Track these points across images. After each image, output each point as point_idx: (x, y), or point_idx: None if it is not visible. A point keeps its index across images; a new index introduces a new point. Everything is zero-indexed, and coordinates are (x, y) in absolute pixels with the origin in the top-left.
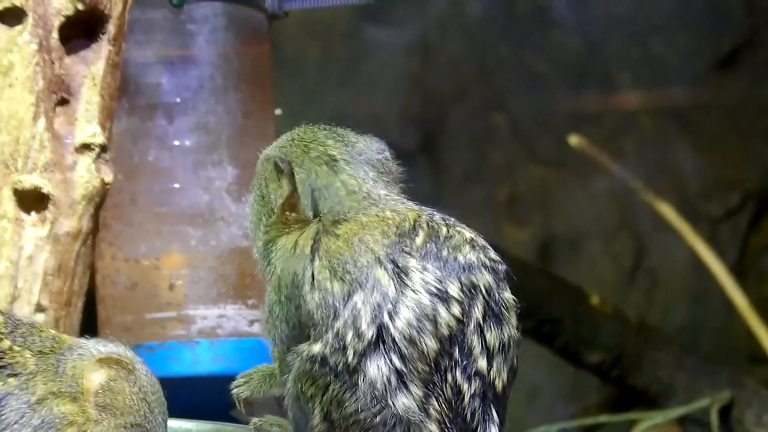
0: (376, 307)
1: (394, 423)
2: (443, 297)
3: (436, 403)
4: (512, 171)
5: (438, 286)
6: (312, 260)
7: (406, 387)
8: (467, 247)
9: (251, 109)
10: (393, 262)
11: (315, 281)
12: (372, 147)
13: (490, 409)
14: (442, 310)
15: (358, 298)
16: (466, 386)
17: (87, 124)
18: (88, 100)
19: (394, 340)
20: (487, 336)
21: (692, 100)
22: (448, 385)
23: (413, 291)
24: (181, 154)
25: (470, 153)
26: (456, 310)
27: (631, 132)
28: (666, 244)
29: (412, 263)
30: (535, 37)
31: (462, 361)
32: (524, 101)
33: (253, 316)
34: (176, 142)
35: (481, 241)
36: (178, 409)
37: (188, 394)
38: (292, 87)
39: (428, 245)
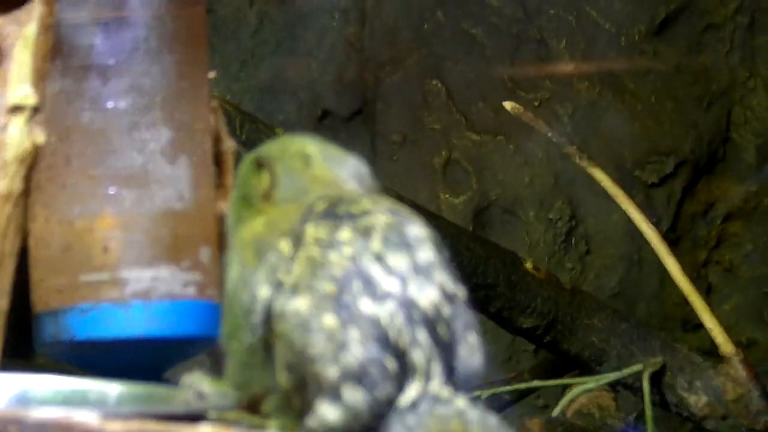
0: (271, 271)
1: (328, 347)
2: (331, 244)
3: (353, 331)
4: (448, 138)
5: (326, 236)
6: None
7: (325, 313)
8: (366, 202)
9: (186, 72)
10: (294, 233)
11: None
12: (349, 158)
13: (416, 329)
14: (331, 256)
15: (262, 270)
16: (377, 310)
17: (19, 85)
18: (20, 61)
19: (293, 288)
20: (390, 261)
21: (628, 67)
22: (357, 315)
23: (303, 248)
24: (115, 115)
25: (406, 119)
26: (347, 251)
27: (567, 98)
28: (601, 211)
29: (308, 228)
30: (471, 3)
31: (366, 291)
32: (461, 68)
33: (187, 279)
34: (110, 104)
35: (394, 203)
36: (111, 372)
37: (122, 357)
38: (228, 50)
39: (326, 209)
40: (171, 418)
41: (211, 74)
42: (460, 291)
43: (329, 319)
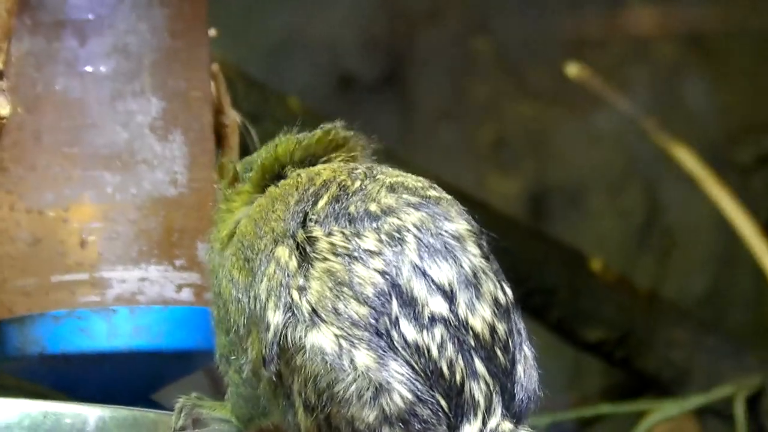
0: (278, 288)
1: (363, 387)
2: (356, 255)
3: (395, 365)
4: (497, 108)
5: (347, 245)
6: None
7: (357, 348)
8: (383, 192)
9: (180, 29)
10: (293, 236)
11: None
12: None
13: (472, 358)
14: (357, 270)
15: (261, 286)
16: (424, 338)
17: None
18: None
19: (314, 314)
20: (434, 274)
21: (717, 23)
22: (399, 344)
23: (321, 260)
24: (94, 82)
25: (446, 85)
26: (377, 263)
27: (643, 61)
28: (684, 198)
29: (316, 230)
30: None
31: (407, 312)
32: (512, 22)
33: (181, 280)
34: (89, 68)
35: (412, 183)
36: (90, 392)
37: (102, 374)
38: (231, 3)
39: (332, 206)
40: None
41: (212, 32)
42: (510, 295)
43: (363, 356)
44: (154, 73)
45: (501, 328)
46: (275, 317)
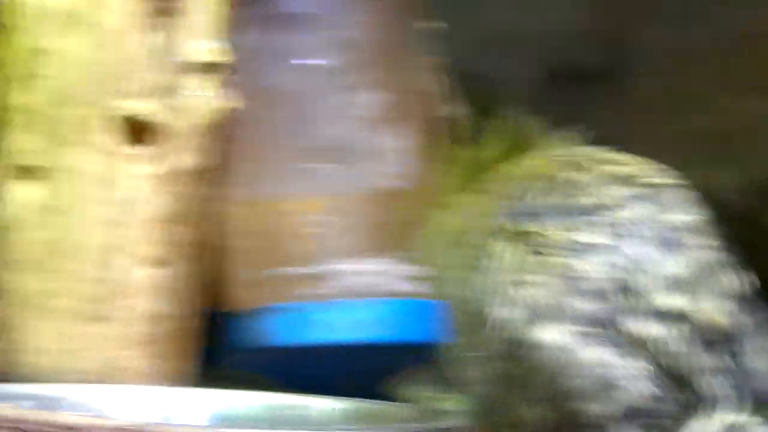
0: (500, 286)
1: (594, 383)
2: (575, 249)
3: (624, 361)
4: (719, 101)
5: (565, 239)
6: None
7: (585, 344)
8: (599, 184)
9: (399, 22)
10: (506, 230)
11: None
12: None
13: (703, 351)
14: (578, 264)
15: (481, 283)
16: (652, 332)
17: (200, 39)
18: (202, 10)
19: (537, 310)
20: (659, 267)
21: None
22: (626, 339)
23: (538, 254)
24: (314, 75)
25: (668, 77)
26: (597, 257)
27: None
28: None
29: (530, 225)
30: None
31: (632, 306)
32: (730, 13)
33: (406, 272)
34: (308, 61)
35: (632, 170)
36: (314, 385)
37: (327, 367)
38: None
39: (543, 199)
40: None
41: (431, 24)
42: (743, 286)
43: (592, 351)
44: (376, 66)
45: (732, 320)
46: (499, 314)
